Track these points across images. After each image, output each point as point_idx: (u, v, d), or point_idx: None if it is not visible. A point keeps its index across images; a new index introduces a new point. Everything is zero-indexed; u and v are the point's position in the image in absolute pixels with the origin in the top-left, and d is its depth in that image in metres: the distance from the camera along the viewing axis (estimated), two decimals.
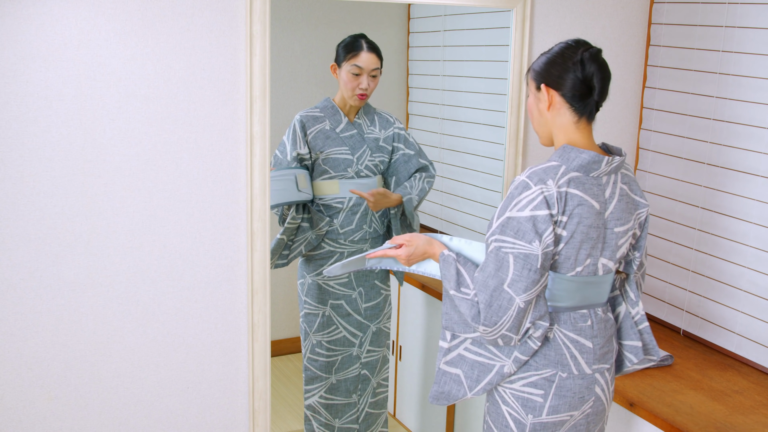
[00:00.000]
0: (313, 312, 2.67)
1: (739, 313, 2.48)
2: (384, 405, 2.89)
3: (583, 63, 1.73)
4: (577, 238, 1.72)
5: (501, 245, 1.69)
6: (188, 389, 2.16)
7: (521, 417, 1.80)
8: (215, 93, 2.04)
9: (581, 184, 1.72)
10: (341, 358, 2.72)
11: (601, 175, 1.74)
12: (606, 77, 1.76)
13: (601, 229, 1.76)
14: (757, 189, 2.41)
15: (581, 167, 1.72)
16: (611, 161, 1.74)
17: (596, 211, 1.74)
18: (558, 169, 1.71)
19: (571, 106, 1.76)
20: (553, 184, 1.69)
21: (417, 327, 3.05)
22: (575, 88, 1.74)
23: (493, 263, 1.70)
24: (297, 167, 2.54)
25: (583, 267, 1.77)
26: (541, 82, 1.78)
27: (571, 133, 1.77)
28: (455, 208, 3.26)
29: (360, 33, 2.62)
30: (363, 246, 2.68)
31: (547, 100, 1.77)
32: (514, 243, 1.68)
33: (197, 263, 2.10)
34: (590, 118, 1.78)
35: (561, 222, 1.70)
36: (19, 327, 1.95)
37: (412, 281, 2.99)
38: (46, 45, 1.86)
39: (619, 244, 1.81)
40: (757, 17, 2.39)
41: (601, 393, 1.85)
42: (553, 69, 1.75)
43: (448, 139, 3.20)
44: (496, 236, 1.71)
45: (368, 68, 2.57)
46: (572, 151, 1.73)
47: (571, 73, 1.73)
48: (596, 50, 1.75)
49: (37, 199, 1.91)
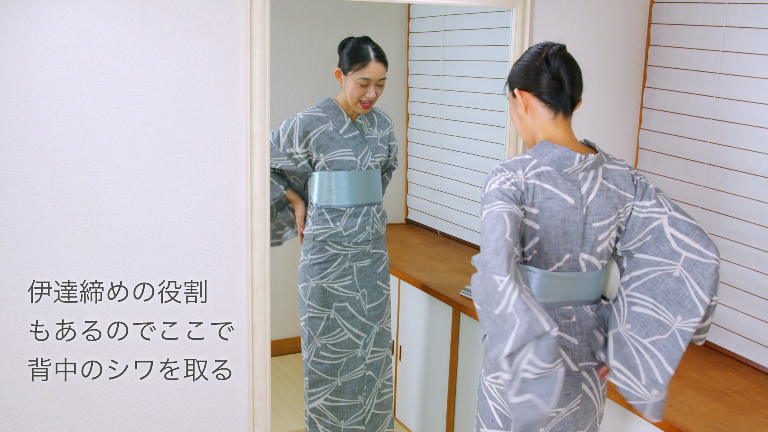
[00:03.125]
0: (318, 315, 2.66)
1: (739, 313, 2.48)
2: (389, 405, 2.89)
3: (548, 60, 1.79)
4: (552, 232, 1.76)
5: (492, 209, 1.70)
6: (188, 389, 2.16)
7: (507, 412, 1.82)
8: (215, 93, 2.04)
9: (552, 179, 1.76)
10: (346, 360, 2.72)
11: (576, 171, 1.77)
12: (572, 69, 1.80)
13: (579, 224, 1.79)
14: (757, 189, 2.41)
15: (553, 162, 1.77)
16: (585, 159, 1.77)
17: (570, 206, 1.77)
18: (529, 163, 1.77)
19: (545, 104, 1.81)
20: (521, 174, 1.74)
21: (417, 327, 3.05)
22: (545, 85, 1.79)
23: (490, 222, 1.68)
24: (284, 167, 2.60)
25: (564, 262, 1.80)
26: (515, 87, 1.85)
27: (549, 129, 1.82)
28: (455, 208, 3.27)
29: (365, 37, 2.58)
30: (366, 247, 2.68)
31: (523, 103, 1.83)
32: (503, 204, 1.70)
33: (197, 263, 2.10)
34: (566, 113, 1.83)
35: (531, 214, 1.75)
36: (19, 327, 1.95)
37: (412, 281, 2.99)
38: (46, 45, 1.86)
39: (600, 239, 1.83)
40: (757, 17, 2.39)
41: (589, 391, 1.87)
42: (524, 73, 1.82)
43: (448, 139, 3.20)
44: (483, 207, 1.73)
45: (376, 78, 2.55)
46: (546, 146, 1.79)
47: (540, 73, 1.79)
48: (559, 46, 1.81)
49: (37, 199, 1.91)
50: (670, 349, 1.76)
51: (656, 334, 1.78)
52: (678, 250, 1.80)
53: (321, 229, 2.62)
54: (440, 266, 3.10)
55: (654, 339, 1.79)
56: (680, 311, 1.77)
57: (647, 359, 1.78)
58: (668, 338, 1.77)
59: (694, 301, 1.76)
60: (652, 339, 1.79)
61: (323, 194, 2.62)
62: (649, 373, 1.77)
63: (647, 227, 1.85)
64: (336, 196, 2.61)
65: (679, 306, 1.77)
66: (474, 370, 2.73)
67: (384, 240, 2.77)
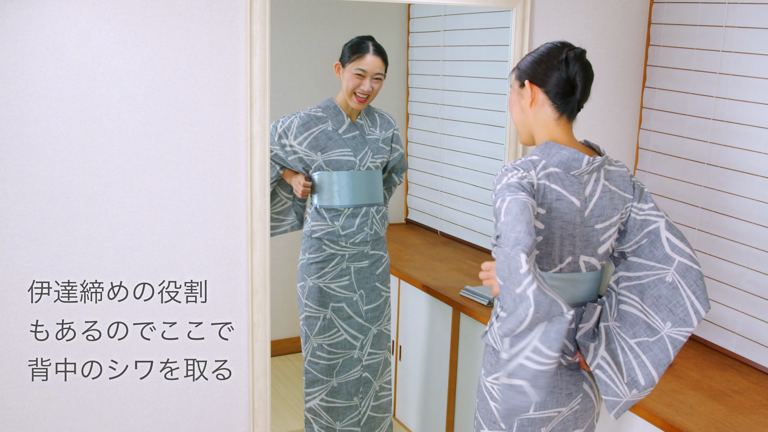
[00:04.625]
0: (314, 315, 2.67)
1: (739, 313, 2.48)
2: (388, 409, 2.88)
3: (567, 62, 1.77)
4: (556, 233, 1.75)
5: (516, 197, 1.64)
6: (188, 389, 2.16)
7: None
8: (215, 93, 2.04)
9: (560, 180, 1.75)
10: (342, 361, 2.71)
11: (582, 173, 1.77)
12: (588, 77, 1.79)
13: (581, 226, 1.78)
14: (757, 189, 2.41)
15: (561, 163, 1.76)
16: (592, 161, 1.77)
17: (576, 209, 1.76)
18: (538, 163, 1.75)
19: (553, 104, 1.79)
20: (534, 174, 1.73)
21: (417, 327, 3.05)
22: (559, 86, 1.77)
23: (517, 207, 1.62)
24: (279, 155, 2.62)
25: (565, 264, 1.79)
26: (525, 78, 1.82)
27: (552, 130, 1.81)
28: (455, 208, 3.26)
29: (368, 35, 2.60)
30: (364, 248, 2.68)
31: (530, 97, 1.81)
32: (525, 195, 1.65)
33: (197, 263, 2.10)
34: (571, 116, 1.82)
35: (540, 214, 1.74)
36: (19, 327, 1.95)
37: (412, 281, 2.99)
38: (46, 45, 1.86)
39: (602, 240, 1.83)
40: (757, 17, 2.39)
41: (590, 390, 1.88)
42: (539, 67, 1.79)
43: (448, 139, 3.20)
44: (504, 197, 1.66)
45: (372, 71, 2.56)
46: (553, 147, 1.77)
47: (555, 72, 1.77)
48: (580, 51, 1.79)
49: (37, 199, 1.91)
50: (657, 354, 1.77)
51: (643, 336, 1.79)
52: (672, 254, 1.80)
53: (318, 225, 2.63)
54: (440, 266, 3.10)
55: (640, 341, 1.79)
56: (670, 317, 1.77)
57: (631, 359, 1.78)
58: (655, 342, 1.78)
59: (689, 310, 1.77)
60: (638, 340, 1.79)
61: (323, 195, 2.62)
62: (630, 372, 1.78)
63: (644, 230, 1.85)
64: (335, 197, 2.61)
65: (669, 312, 1.78)
66: (474, 370, 2.73)
67: (384, 241, 2.76)
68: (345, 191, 2.62)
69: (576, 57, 1.77)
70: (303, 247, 2.68)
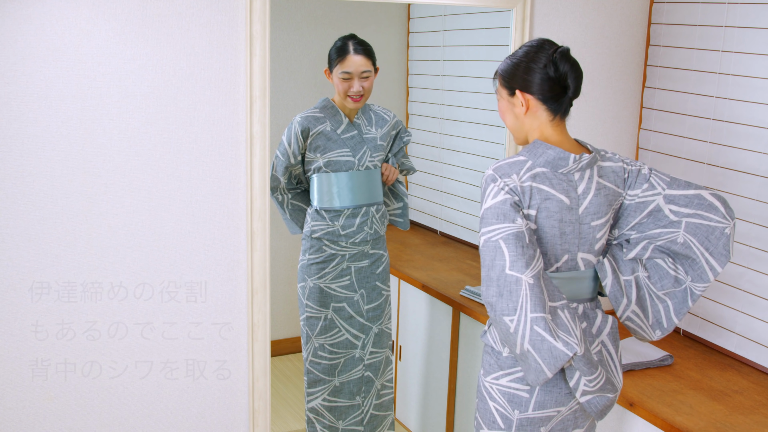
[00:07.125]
0: (315, 315, 2.66)
1: (739, 313, 2.49)
2: (389, 407, 2.88)
3: (555, 63, 1.75)
4: (549, 232, 1.76)
5: (488, 236, 1.71)
6: (188, 389, 2.16)
7: (508, 413, 1.81)
8: (215, 93, 2.04)
9: (547, 180, 1.75)
10: (344, 360, 2.71)
11: (571, 171, 1.77)
12: (579, 75, 1.78)
13: (576, 224, 1.79)
14: (757, 189, 2.41)
15: (547, 163, 1.76)
16: (579, 159, 1.77)
17: (566, 207, 1.77)
18: (524, 165, 1.75)
19: (547, 108, 1.79)
20: (516, 179, 1.73)
21: (417, 327, 3.05)
22: (551, 90, 1.77)
23: (488, 255, 1.70)
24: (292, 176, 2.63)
25: (562, 263, 1.81)
26: (515, 87, 1.80)
27: (546, 130, 1.81)
28: (455, 208, 3.27)
29: (350, 34, 2.58)
30: (364, 248, 2.68)
31: (524, 105, 1.80)
32: (499, 227, 1.69)
33: (197, 263, 2.10)
34: (564, 114, 1.82)
35: (530, 216, 1.74)
36: (19, 327, 1.95)
37: (412, 281, 2.99)
38: (46, 45, 1.86)
39: (597, 237, 1.84)
40: (757, 17, 2.39)
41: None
42: (526, 74, 1.78)
43: (448, 139, 3.20)
44: (481, 231, 1.73)
45: (357, 71, 2.55)
46: (540, 147, 1.77)
47: (544, 75, 1.76)
48: (566, 49, 1.78)
49: (37, 199, 1.91)
50: (680, 302, 1.89)
51: (670, 288, 1.90)
52: (676, 219, 1.85)
53: (318, 225, 2.62)
54: (440, 266, 3.10)
55: (668, 291, 1.90)
56: (690, 272, 1.88)
57: (657, 304, 1.90)
58: (681, 291, 1.89)
59: (704, 267, 1.86)
60: (666, 291, 1.91)
61: (323, 196, 2.61)
62: (656, 315, 1.91)
63: (643, 211, 1.88)
64: (335, 198, 2.61)
65: (690, 267, 1.88)
66: (474, 370, 2.73)
67: (384, 241, 2.76)
68: (344, 192, 2.62)
69: (563, 56, 1.76)
70: (303, 248, 2.68)
